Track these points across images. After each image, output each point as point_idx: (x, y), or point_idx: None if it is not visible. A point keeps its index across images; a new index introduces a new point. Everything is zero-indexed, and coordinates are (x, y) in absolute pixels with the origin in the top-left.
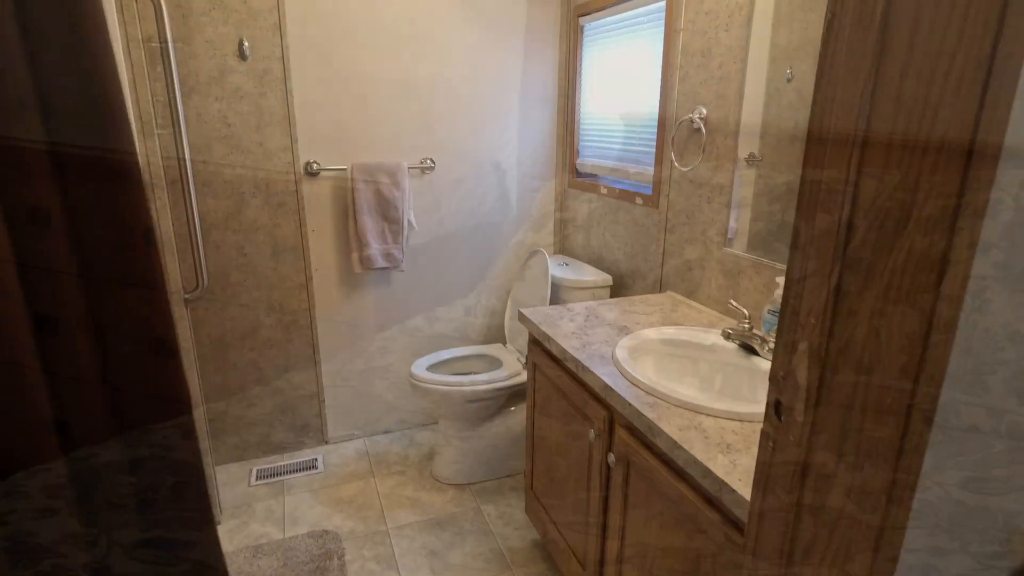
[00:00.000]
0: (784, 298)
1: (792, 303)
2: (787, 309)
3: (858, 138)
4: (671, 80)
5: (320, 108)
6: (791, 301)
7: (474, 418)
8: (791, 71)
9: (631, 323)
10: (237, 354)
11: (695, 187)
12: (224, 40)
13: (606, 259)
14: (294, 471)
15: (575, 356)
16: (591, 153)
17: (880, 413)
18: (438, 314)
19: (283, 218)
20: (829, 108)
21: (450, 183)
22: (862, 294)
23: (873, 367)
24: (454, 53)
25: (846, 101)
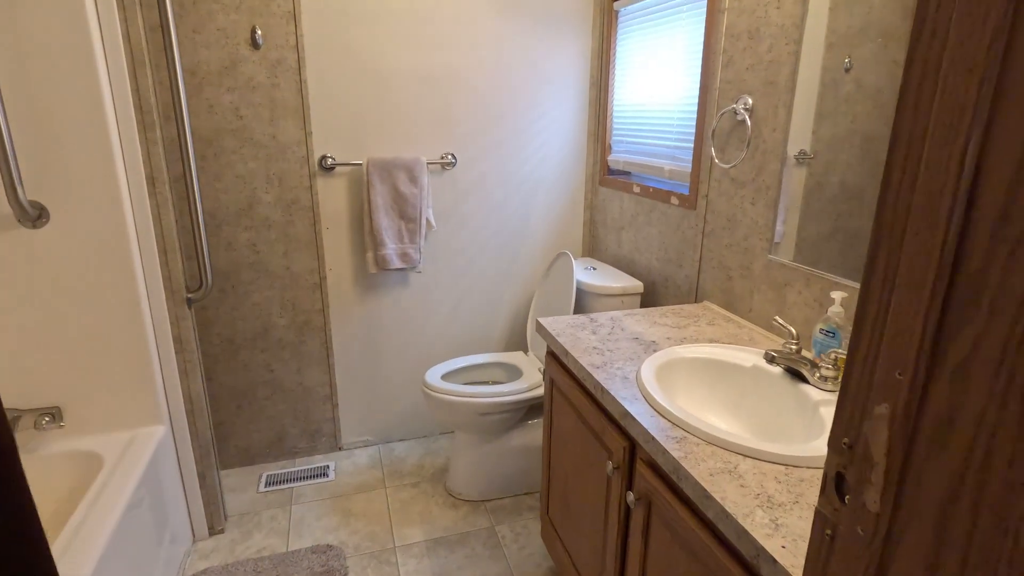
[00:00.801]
0: (854, 340)
1: (866, 348)
2: (858, 355)
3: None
4: (713, 66)
5: (336, 99)
6: (865, 345)
7: (490, 431)
8: (850, 59)
9: (661, 337)
10: (248, 355)
11: (737, 186)
12: (236, 28)
13: (637, 264)
14: (304, 478)
15: (593, 375)
16: (624, 149)
17: (1001, 519)
18: (457, 318)
19: (296, 215)
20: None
21: (472, 180)
22: (979, 343)
23: (993, 451)
24: (479, 41)
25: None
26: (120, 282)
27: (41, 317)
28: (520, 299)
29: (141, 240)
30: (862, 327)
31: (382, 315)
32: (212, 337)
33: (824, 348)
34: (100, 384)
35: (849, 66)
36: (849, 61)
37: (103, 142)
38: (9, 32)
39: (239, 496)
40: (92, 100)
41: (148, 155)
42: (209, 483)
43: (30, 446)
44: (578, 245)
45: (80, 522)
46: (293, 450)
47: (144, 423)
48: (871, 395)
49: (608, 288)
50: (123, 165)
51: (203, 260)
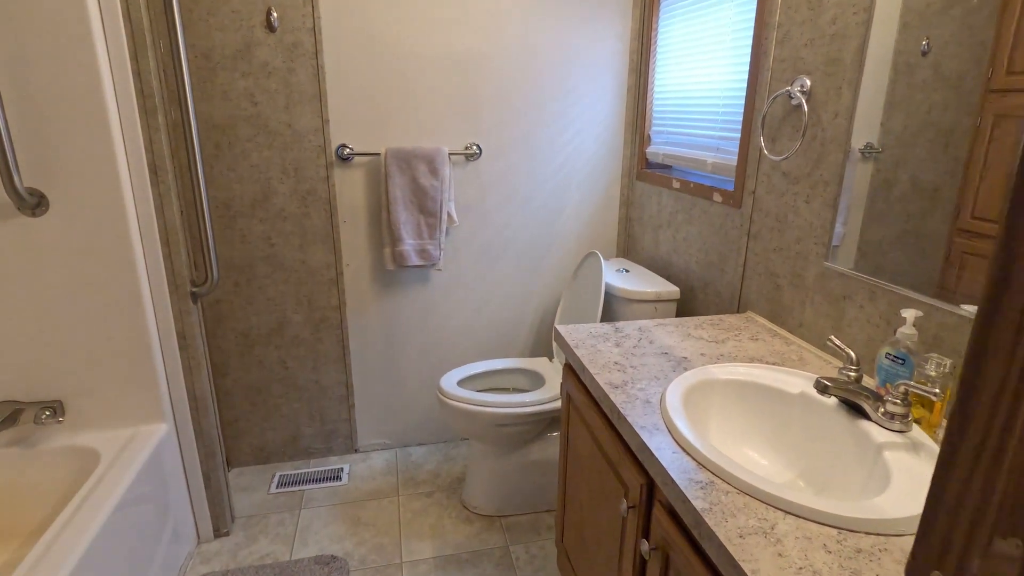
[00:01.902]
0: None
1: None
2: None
3: None
4: (765, 43)
5: (354, 85)
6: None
7: (507, 443)
8: (928, 41)
9: (694, 353)
10: (263, 351)
11: (789, 182)
12: (251, 10)
13: (675, 266)
14: (317, 480)
15: (611, 396)
16: (664, 140)
17: None
18: (479, 319)
19: (313, 207)
20: None
21: (498, 172)
22: None
23: None
24: (508, 24)
25: None
26: (120, 274)
27: (43, 308)
28: (547, 301)
29: (143, 230)
30: (975, 390)
31: (401, 314)
32: (226, 332)
33: (891, 377)
34: (101, 379)
35: (927, 49)
36: (927, 43)
37: (102, 127)
38: (3, 11)
39: (249, 496)
40: (90, 82)
41: (150, 142)
42: (214, 484)
43: (31, 440)
44: (612, 244)
45: (66, 520)
46: (308, 450)
47: (146, 420)
48: (989, 516)
49: (640, 293)
50: (124, 152)
51: (209, 253)
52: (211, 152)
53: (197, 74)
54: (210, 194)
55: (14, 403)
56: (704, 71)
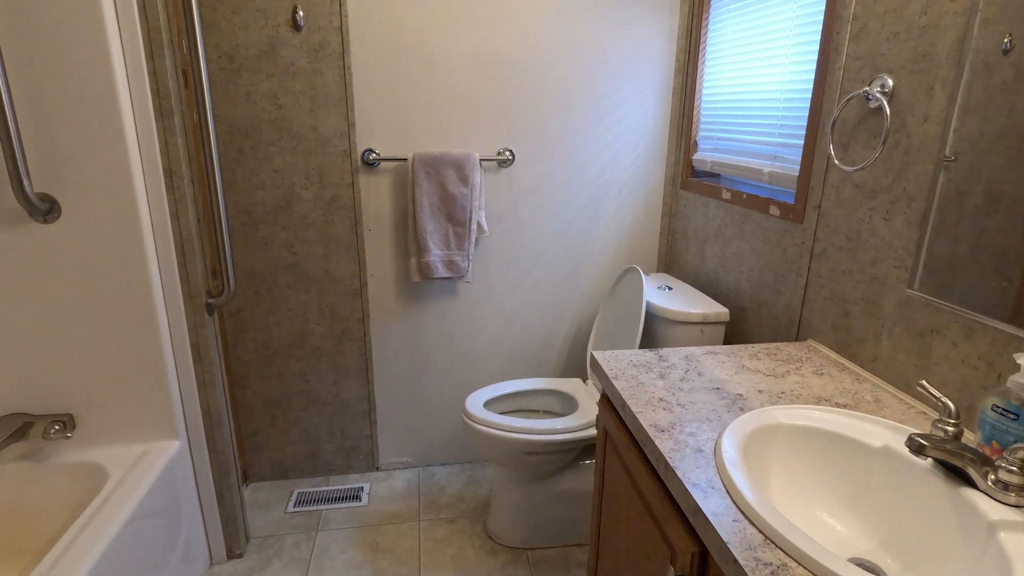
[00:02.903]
0: None
1: None
2: None
3: None
4: (837, 39)
5: (382, 87)
6: None
7: (536, 471)
8: (1011, 38)
9: (750, 389)
10: (284, 363)
11: (864, 195)
12: (277, 8)
13: (723, 285)
14: (336, 500)
15: (656, 441)
16: (713, 146)
17: None
18: (508, 335)
19: (337, 214)
20: None
21: (531, 180)
22: None
23: None
24: (545, 23)
25: None
26: (133, 284)
27: (53, 318)
28: (581, 318)
29: (157, 238)
30: None
31: (426, 327)
32: (246, 342)
33: (998, 434)
34: (112, 393)
35: (1009, 47)
36: (1010, 40)
37: (115, 130)
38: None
39: (266, 515)
40: (104, 83)
41: (166, 145)
42: (228, 503)
43: (39, 455)
44: (653, 258)
45: (71, 540)
46: (328, 467)
47: (158, 437)
48: None
49: (685, 314)
50: (138, 156)
51: (226, 262)
52: (233, 156)
53: (220, 75)
54: (231, 200)
55: (24, 415)
56: (761, 71)
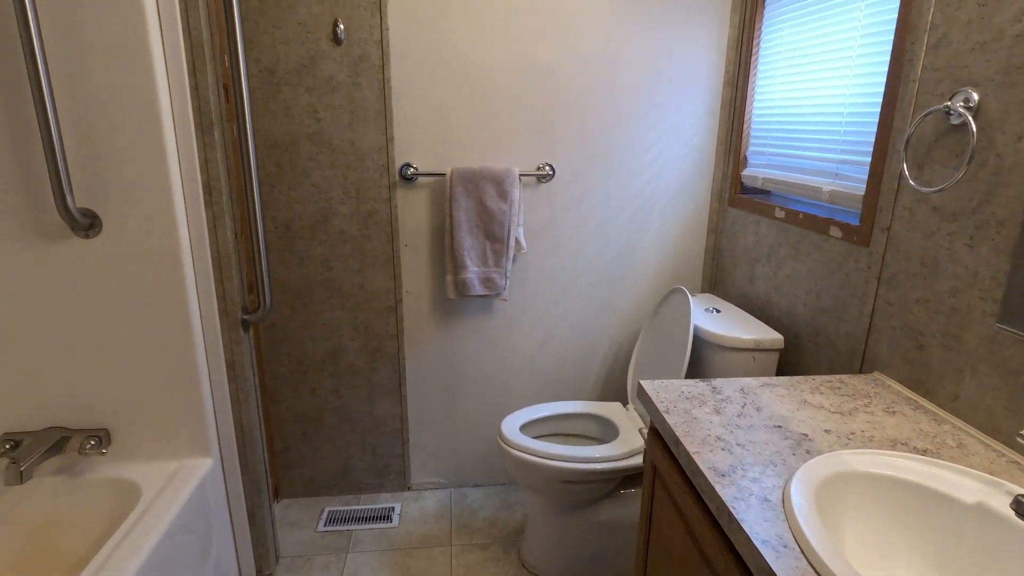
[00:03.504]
0: None
1: None
2: None
3: None
4: (911, 50)
5: (421, 101)
6: None
7: (574, 500)
8: None
9: (815, 428)
10: (317, 378)
11: (943, 219)
12: (318, 22)
13: (775, 308)
14: (367, 520)
15: (716, 487)
16: (764, 162)
17: None
18: (545, 355)
19: (373, 229)
20: None
21: (572, 195)
22: None
23: None
24: (588, 34)
25: None
26: (171, 300)
27: (91, 333)
28: (622, 339)
29: (195, 254)
30: None
31: (461, 345)
32: (280, 357)
33: None
34: (147, 409)
35: None
36: None
37: (157, 145)
38: (61, 24)
39: (297, 533)
40: (147, 98)
41: (206, 161)
42: (259, 522)
43: (75, 470)
44: (697, 277)
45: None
46: (359, 485)
47: (191, 454)
48: None
49: (736, 340)
50: (178, 171)
51: (262, 278)
52: (272, 171)
53: (260, 89)
54: (269, 214)
55: (61, 429)
56: (821, 83)
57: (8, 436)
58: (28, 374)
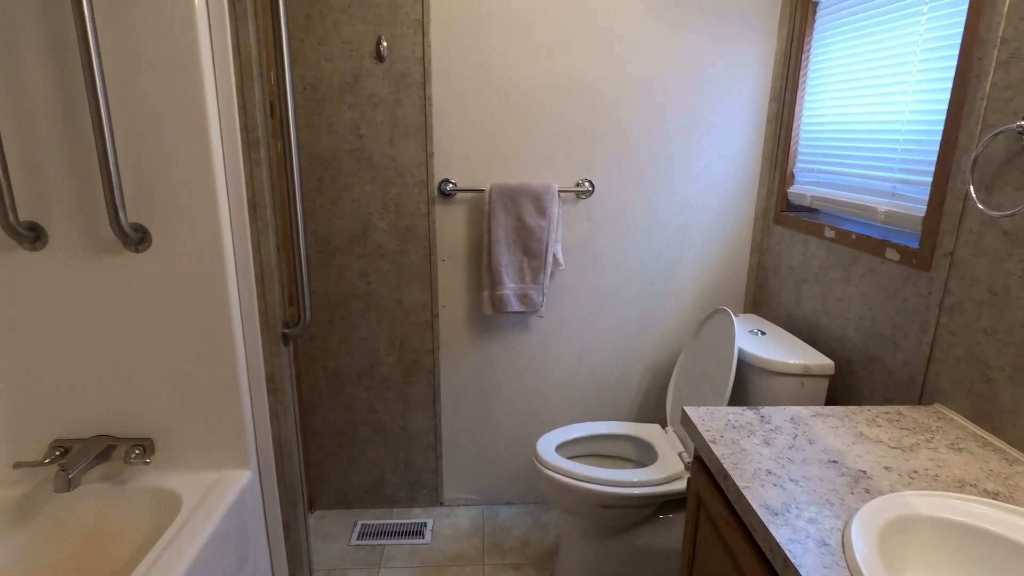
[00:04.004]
0: None
1: None
2: None
3: None
4: (979, 64)
5: (461, 117)
6: None
7: (610, 524)
8: None
9: (874, 464)
10: (353, 391)
11: (1015, 244)
12: (362, 40)
13: (824, 331)
14: (399, 535)
15: (769, 527)
16: (812, 179)
17: None
18: (581, 374)
19: (411, 244)
20: None
21: (611, 212)
22: None
23: None
24: (630, 49)
25: None
26: (214, 314)
27: (139, 345)
28: (661, 359)
29: (239, 269)
30: None
31: (496, 361)
32: (318, 370)
33: None
34: (189, 420)
35: None
36: None
37: (205, 162)
38: (118, 48)
39: (330, 546)
40: (197, 117)
41: (251, 177)
42: (294, 535)
43: (120, 477)
44: (739, 297)
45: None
46: (392, 499)
47: (230, 465)
48: None
49: (783, 364)
50: (225, 187)
51: (303, 293)
52: (313, 186)
53: (304, 106)
54: (310, 229)
55: (108, 438)
56: (876, 99)
57: (58, 443)
58: (78, 382)
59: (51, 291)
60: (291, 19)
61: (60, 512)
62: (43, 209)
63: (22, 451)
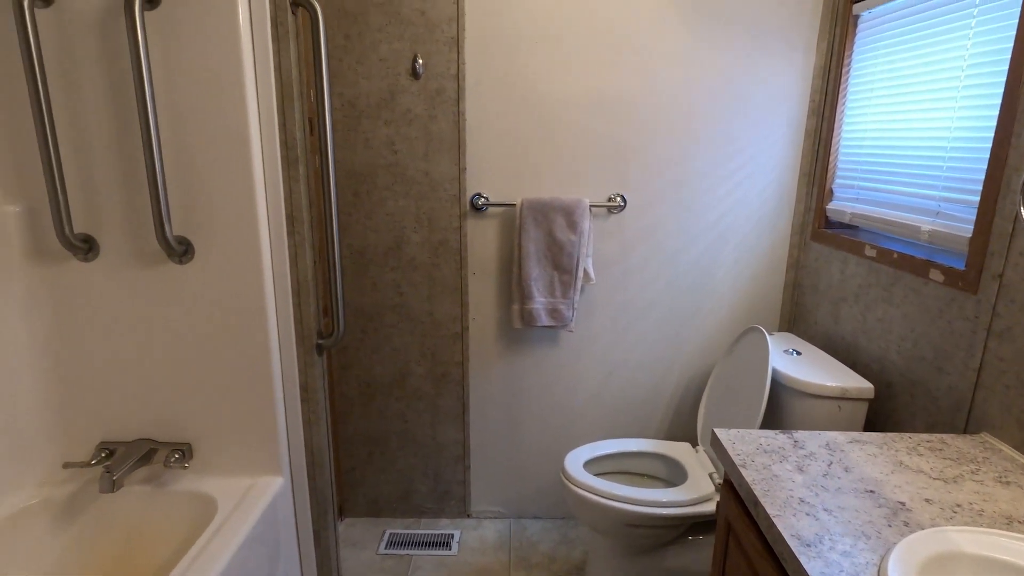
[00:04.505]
0: None
1: None
2: None
3: None
4: None
5: (493, 132)
6: None
7: (638, 544)
8: None
9: (914, 496)
10: (384, 401)
11: None
12: (398, 57)
13: (864, 353)
14: (426, 546)
15: (800, 559)
16: (852, 196)
17: None
18: (610, 390)
19: (443, 258)
20: None
21: (643, 227)
22: None
23: None
24: (664, 64)
25: None
26: (252, 323)
27: (179, 353)
28: (691, 376)
29: (276, 281)
30: None
31: (525, 375)
32: (350, 379)
33: None
34: (225, 426)
35: None
36: None
37: (246, 178)
38: (166, 69)
39: (358, 554)
40: (239, 135)
41: (290, 192)
42: (324, 542)
43: (160, 481)
44: (774, 314)
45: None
46: (420, 509)
47: (264, 472)
48: None
49: (819, 386)
50: (264, 202)
51: (337, 305)
52: (349, 200)
53: (343, 122)
54: (346, 242)
55: (150, 442)
56: (920, 114)
57: (104, 445)
58: (124, 387)
59: (101, 300)
60: (331, 39)
61: (104, 512)
62: (96, 222)
63: (71, 451)
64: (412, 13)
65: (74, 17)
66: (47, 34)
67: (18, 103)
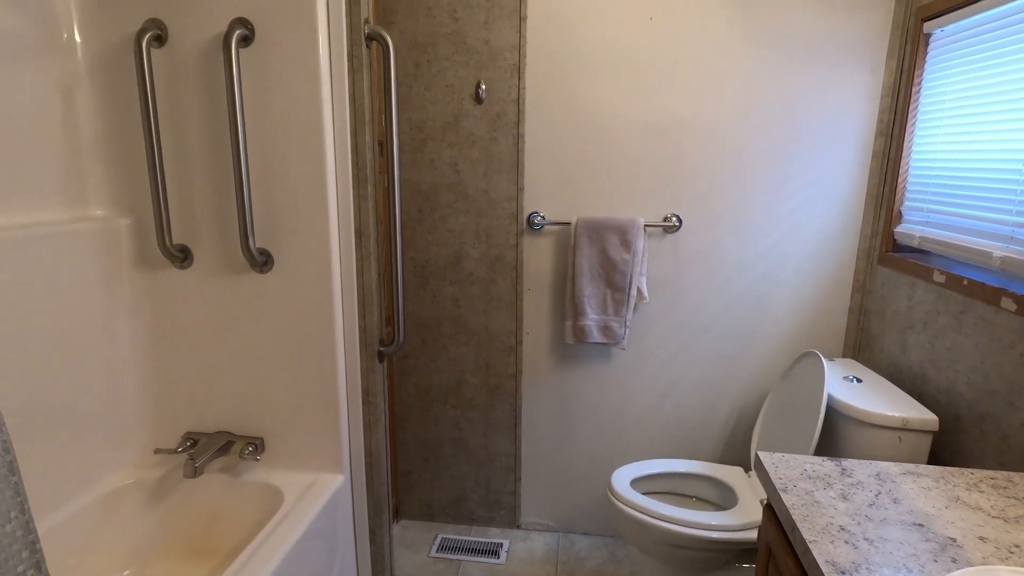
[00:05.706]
0: None
1: None
2: None
3: None
4: None
5: (551, 153)
6: None
7: (685, 567)
8: None
9: (967, 533)
10: (440, 409)
11: None
12: (463, 83)
13: (930, 383)
14: (475, 553)
15: None
16: (922, 219)
17: None
18: (662, 410)
19: (500, 273)
20: None
21: (699, 247)
22: None
23: None
24: (724, 84)
25: None
26: (321, 330)
27: (257, 355)
28: (747, 400)
29: (344, 291)
30: None
31: (576, 391)
32: (409, 386)
33: None
34: (293, 424)
35: None
36: None
37: (320, 195)
38: (255, 99)
39: (411, 556)
40: (316, 157)
41: (359, 209)
42: (378, 541)
43: (235, 471)
44: (838, 340)
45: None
46: (471, 516)
47: (326, 469)
48: None
49: (878, 416)
50: (336, 218)
51: (399, 315)
52: (414, 216)
53: (410, 144)
54: (408, 255)
55: (228, 434)
56: (993, 135)
57: (189, 435)
58: (208, 383)
59: (193, 304)
60: (401, 67)
61: (187, 495)
62: (191, 234)
63: (161, 439)
64: (477, 42)
65: (183, 55)
66: (160, 70)
67: (133, 129)
